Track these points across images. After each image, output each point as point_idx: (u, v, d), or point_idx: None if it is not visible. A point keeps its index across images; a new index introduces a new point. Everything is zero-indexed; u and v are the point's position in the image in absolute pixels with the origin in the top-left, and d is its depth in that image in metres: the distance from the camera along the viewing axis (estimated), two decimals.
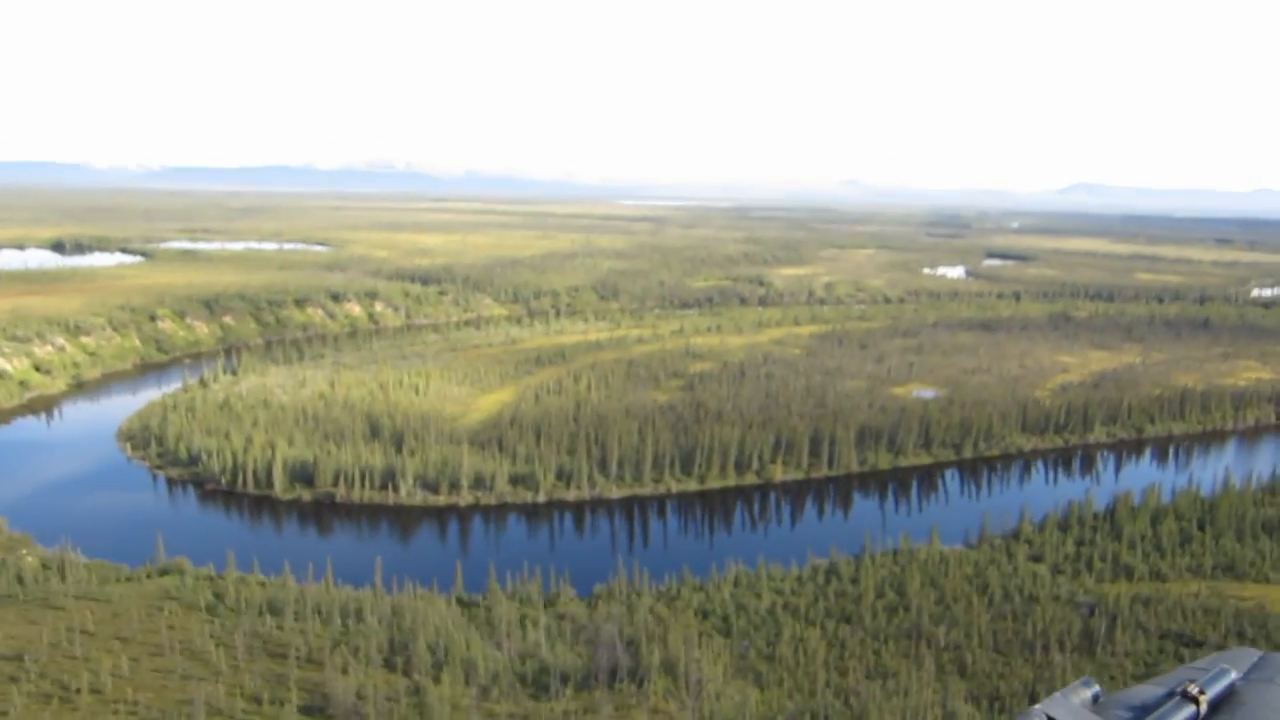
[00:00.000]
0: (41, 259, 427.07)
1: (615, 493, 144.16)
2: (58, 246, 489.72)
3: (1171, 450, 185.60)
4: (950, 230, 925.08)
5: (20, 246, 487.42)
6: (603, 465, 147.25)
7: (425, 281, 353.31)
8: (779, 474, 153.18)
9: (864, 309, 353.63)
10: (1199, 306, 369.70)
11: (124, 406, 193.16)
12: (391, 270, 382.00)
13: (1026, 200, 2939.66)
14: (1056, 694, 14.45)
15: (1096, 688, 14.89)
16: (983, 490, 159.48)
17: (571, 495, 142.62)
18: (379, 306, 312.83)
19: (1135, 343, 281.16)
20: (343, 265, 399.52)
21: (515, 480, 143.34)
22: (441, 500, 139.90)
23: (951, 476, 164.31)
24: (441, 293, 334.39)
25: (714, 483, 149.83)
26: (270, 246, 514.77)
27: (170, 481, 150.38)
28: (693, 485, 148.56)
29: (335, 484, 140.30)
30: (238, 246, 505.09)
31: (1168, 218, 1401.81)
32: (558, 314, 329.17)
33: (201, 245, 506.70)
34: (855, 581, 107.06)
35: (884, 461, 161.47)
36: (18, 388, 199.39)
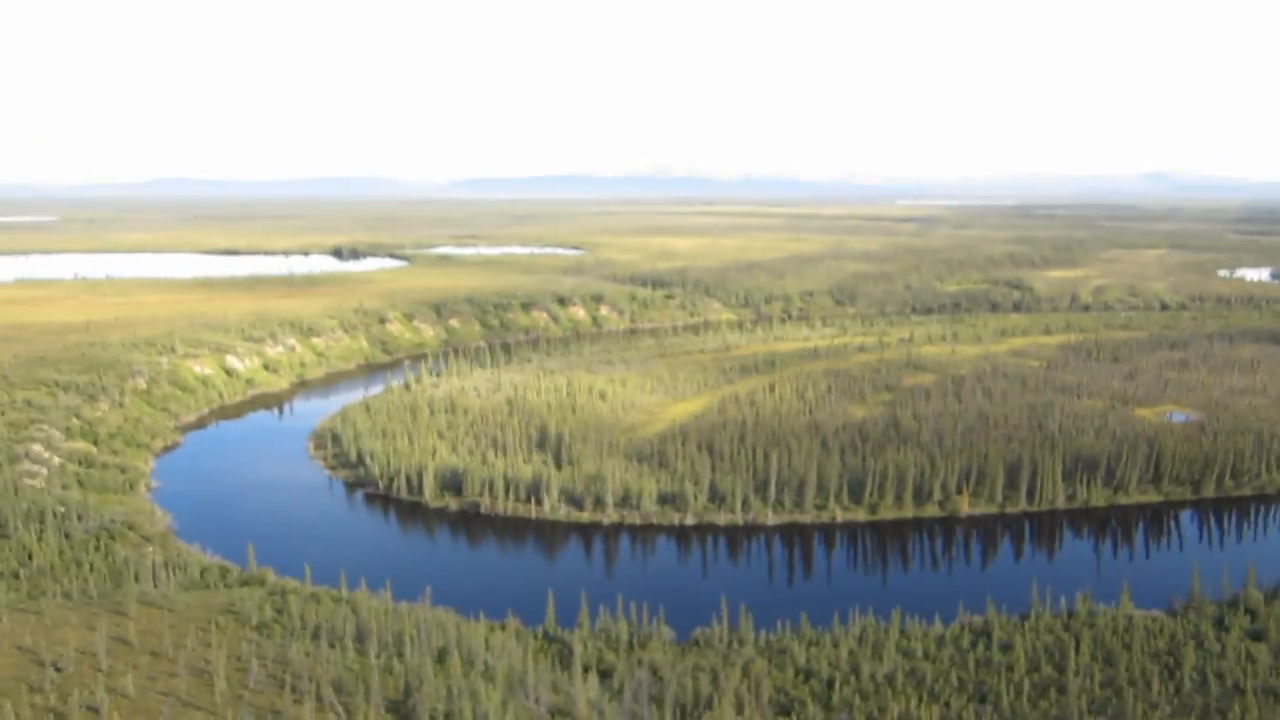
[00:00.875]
0: (318, 264, 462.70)
1: (771, 519, 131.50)
2: (336, 253, 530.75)
3: None
4: (1263, 226, 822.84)
5: (305, 253, 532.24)
6: (763, 488, 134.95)
7: (658, 285, 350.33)
8: (965, 507, 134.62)
9: (1131, 316, 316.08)
10: None
11: (330, 406, 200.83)
12: (630, 274, 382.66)
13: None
14: None
15: None
16: (1215, 539, 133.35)
17: (723, 519, 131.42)
18: (604, 310, 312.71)
19: None
20: (583, 269, 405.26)
21: (664, 500, 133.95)
22: (585, 517, 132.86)
23: (1184, 520, 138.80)
24: (669, 296, 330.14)
25: (886, 513, 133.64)
26: (525, 251, 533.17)
27: (342, 484, 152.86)
28: (861, 515, 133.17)
29: (481, 494, 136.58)
30: (494, 251, 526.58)
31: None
32: (787, 319, 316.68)
33: (463, 250, 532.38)
34: (1008, 649, 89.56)
35: (1098, 498, 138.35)
36: (243, 385, 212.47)
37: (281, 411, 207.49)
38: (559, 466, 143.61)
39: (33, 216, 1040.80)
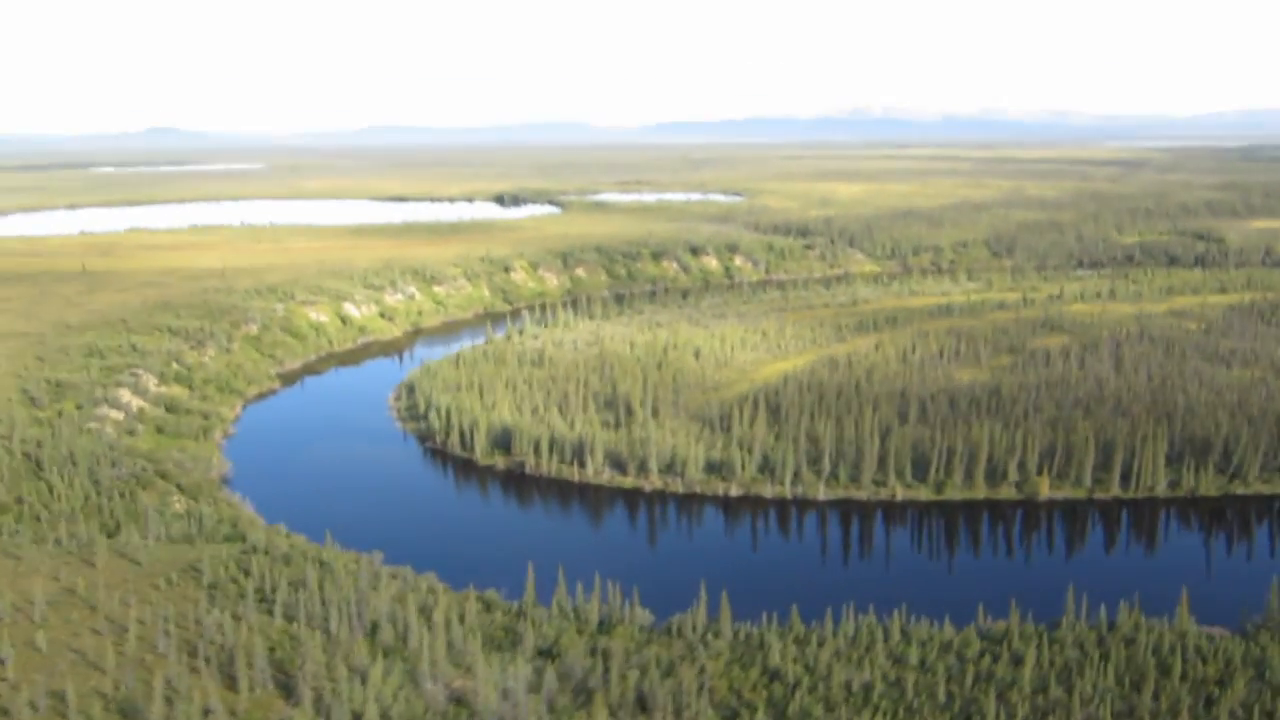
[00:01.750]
0: (479, 211, 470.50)
1: (823, 494, 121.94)
2: (499, 199, 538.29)
3: None
4: None
5: (470, 199, 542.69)
6: (819, 459, 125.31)
7: (804, 234, 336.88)
8: (1045, 489, 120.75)
9: None
10: None
11: (435, 355, 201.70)
12: (778, 222, 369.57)
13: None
14: None
15: None
16: None
17: (770, 492, 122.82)
18: (738, 260, 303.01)
19: None
20: (731, 217, 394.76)
21: (711, 468, 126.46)
22: (628, 483, 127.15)
23: None
24: (808, 247, 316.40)
25: (954, 493, 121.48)
26: (685, 198, 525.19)
27: (414, 438, 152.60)
28: (924, 494, 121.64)
29: (528, 454, 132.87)
30: (652, 198, 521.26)
31: None
32: (934, 272, 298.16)
33: (622, 197, 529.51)
34: (1019, 662, 78.40)
35: (1209, 486, 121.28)
36: (356, 332, 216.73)
37: (389, 359, 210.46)
38: (616, 428, 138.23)
39: (243, 164, 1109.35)
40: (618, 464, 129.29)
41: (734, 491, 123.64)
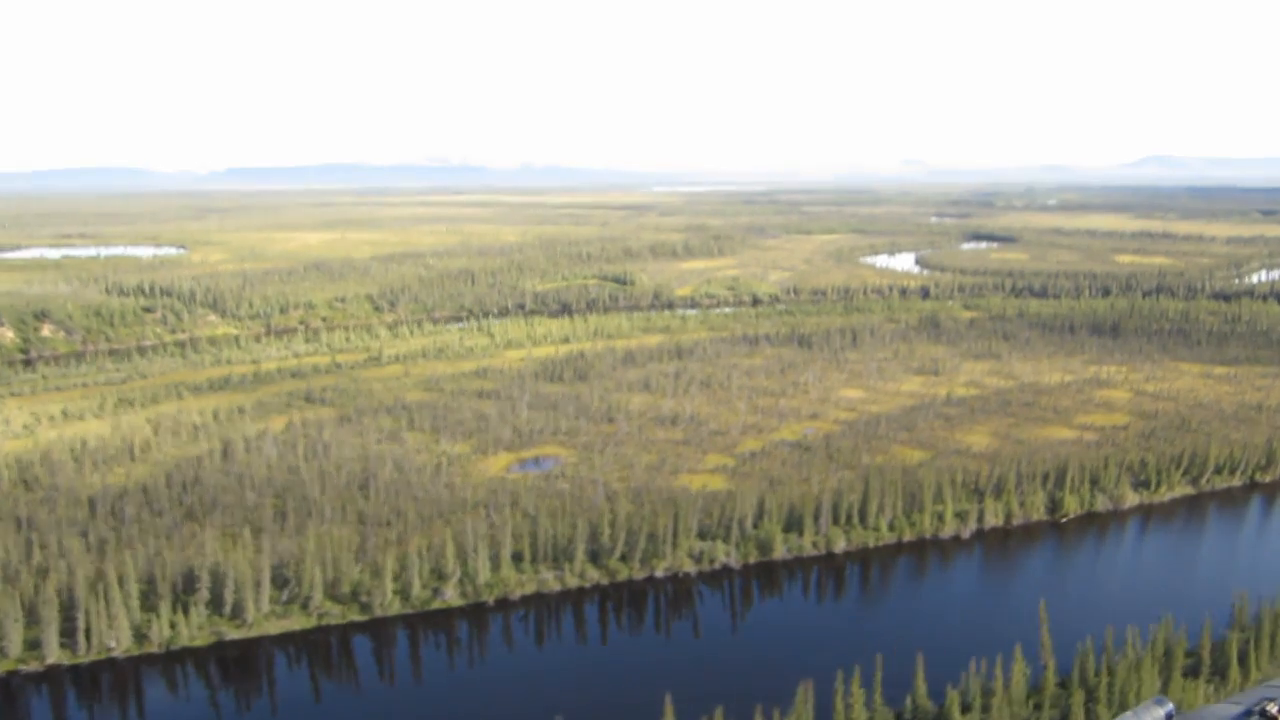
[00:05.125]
0: None
1: None
2: None
3: None
4: (966, 210, 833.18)
5: None
6: None
7: (163, 294, 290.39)
8: None
9: (688, 316, 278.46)
10: (1125, 300, 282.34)
11: None
12: (167, 281, 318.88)
13: (1093, 175, 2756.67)
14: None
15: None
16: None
17: None
18: (46, 330, 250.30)
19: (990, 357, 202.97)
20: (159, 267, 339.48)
21: None
22: None
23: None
24: (146, 309, 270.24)
25: None
26: (124, 251, 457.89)
27: None
28: None
29: None
30: (56, 254, 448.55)
31: (1232, 189, 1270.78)
32: (304, 330, 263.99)
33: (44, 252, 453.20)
34: None
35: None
36: None
37: None
38: None
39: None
40: None
41: None
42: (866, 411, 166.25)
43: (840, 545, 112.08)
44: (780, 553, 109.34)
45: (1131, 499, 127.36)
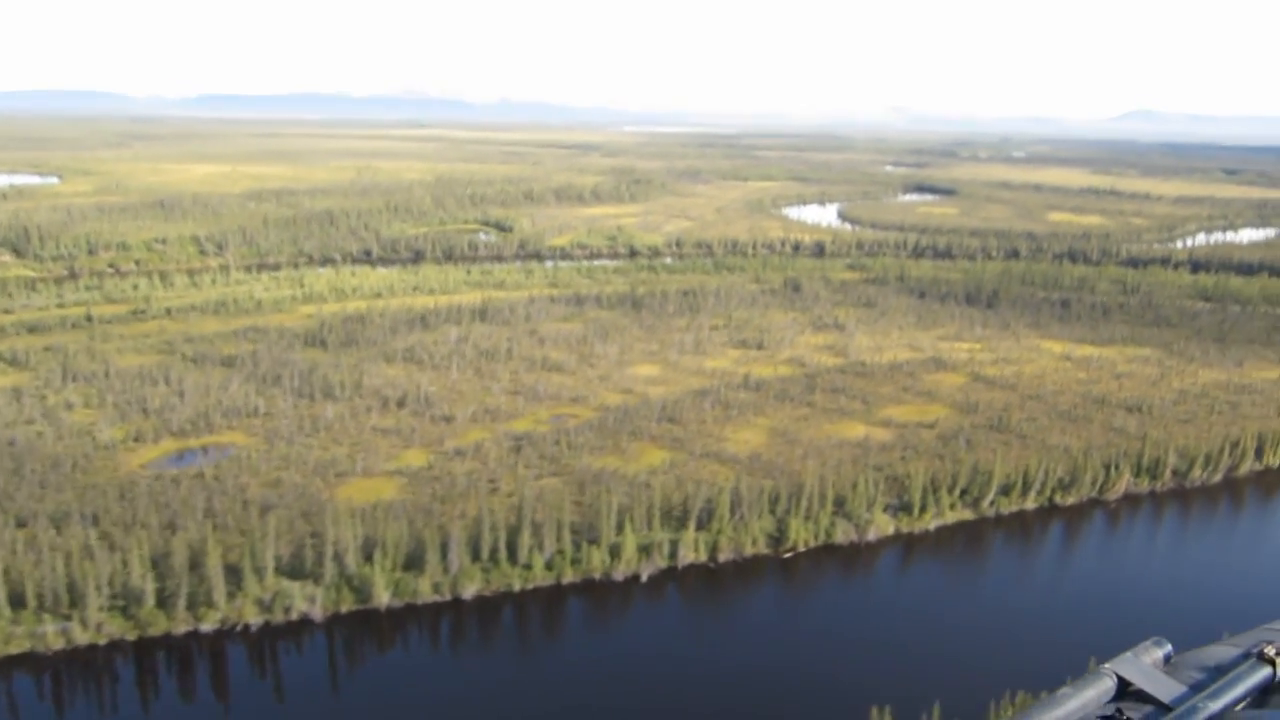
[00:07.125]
0: None
1: None
2: None
3: None
4: (925, 159, 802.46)
5: None
6: None
7: None
8: None
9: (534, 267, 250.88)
10: (1025, 264, 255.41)
11: None
12: None
13: (1076, 128, 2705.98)
14: (1127, 653, 13.75)
15: (1168, 647, 14.29)
16: None
17: None
18: None
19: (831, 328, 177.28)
20: None
21: None
22: None
23: None
24: None
25: None
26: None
27: None
28: None
29: None
30: None
31: (1209, 146, 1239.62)
32: (114, 274, 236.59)
33: None
34: None
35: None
36: None
37: None
38: None
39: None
40: None
41: None
42: (645, 395, 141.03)
43: (471, 589, 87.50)
44: (383, 600, 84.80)
45: (886, 527, 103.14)
